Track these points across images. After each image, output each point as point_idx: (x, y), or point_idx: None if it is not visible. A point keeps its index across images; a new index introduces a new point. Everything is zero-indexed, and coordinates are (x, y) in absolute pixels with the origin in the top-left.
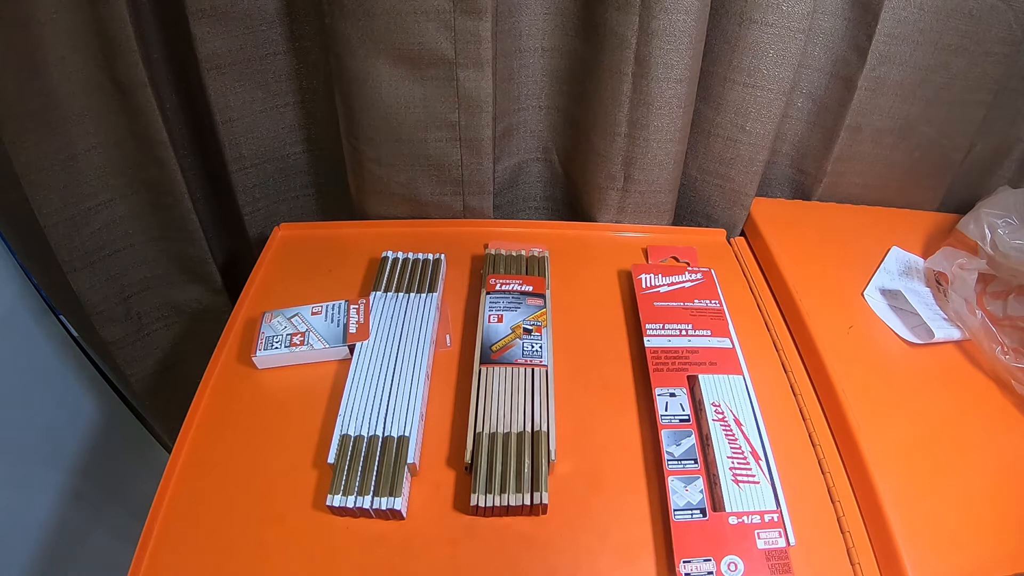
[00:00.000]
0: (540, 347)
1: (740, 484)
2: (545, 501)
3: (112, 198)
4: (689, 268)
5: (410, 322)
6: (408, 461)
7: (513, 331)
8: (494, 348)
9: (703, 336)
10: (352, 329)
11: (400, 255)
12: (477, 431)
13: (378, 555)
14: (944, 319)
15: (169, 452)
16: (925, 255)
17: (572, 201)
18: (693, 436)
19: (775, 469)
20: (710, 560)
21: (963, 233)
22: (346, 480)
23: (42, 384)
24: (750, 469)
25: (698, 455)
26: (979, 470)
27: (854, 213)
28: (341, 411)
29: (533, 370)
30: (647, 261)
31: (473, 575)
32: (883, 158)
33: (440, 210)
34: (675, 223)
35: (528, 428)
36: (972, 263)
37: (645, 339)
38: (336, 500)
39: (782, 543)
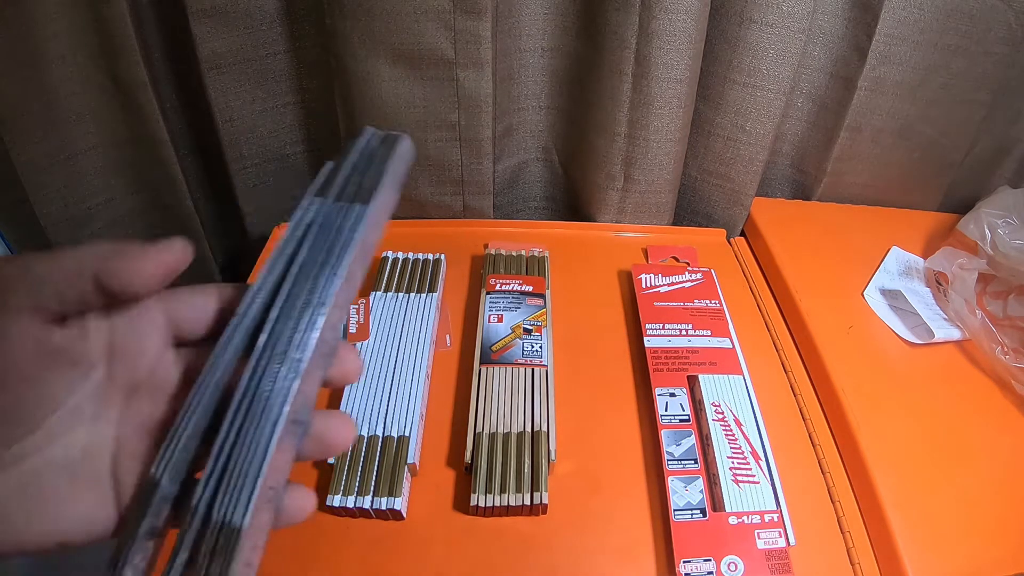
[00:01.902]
0: (540, 347)
1: (740, 484)
2: (545, 501)
3: (113, 198)
4: (689, 268)
5: (410, 322)
6: (408, 461)
7: (513, 331)
8: (494, 348)
9: (703, 336)
10: (352, 329)
11: (400, 255)
12: (477, 431)
13: (378, 555)
14: (944, 319)
15: None
16: (925, 255)
17: (572, 201)
18: (693, 436)
19: (775, 469)
20: (710, 560)
21: (963, 233)
22: (346, 480)
23: None
24: (750, 469)
25: (698, 455)
26: (979, 470)
27: (854, 213)
28: (341, 411)
29: (533, 370)
30: (647, 261)
31: (473, 575)
32: (883, 158)
33: (440, 210)
34: (675, 223)
35: (528, 428)
36: (972, 263)
37: (645, 339)
38: (336, 500)
39: (782, 543)
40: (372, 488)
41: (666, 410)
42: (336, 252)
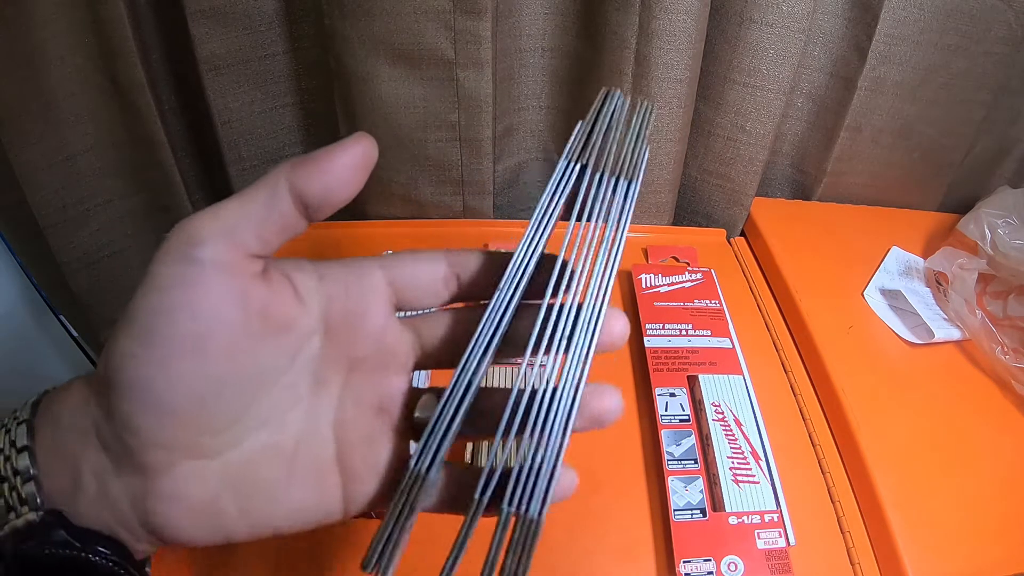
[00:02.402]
0: None
1: (740, 484)
2: None
3: (111, 199)
4: (689, 268)
5: None
6: None
7: None
8: None
9: (703, 336)
10: None
11: None
12: None
13: None
14: (944, 319)
15: None
16: (925, 255)
17: (572, 201)
18: (693, 436)
19: (775, 469)
20: (710, 560)
21: (963, 233)
22: None
23: (42, 385)
24: (750, 469)
25: (698, 455)
26: (979, 470)
27: (854, 213)
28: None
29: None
30: (647, 261)
31: (473, 575)
32: (883, 158)
33: (440, 210)
34: (675, 223)
35: None
36: (972, 263)
37: (645, 339)
38: None
39: (782, 543)
40: None
41: (666, 410)
42: (614, 232)
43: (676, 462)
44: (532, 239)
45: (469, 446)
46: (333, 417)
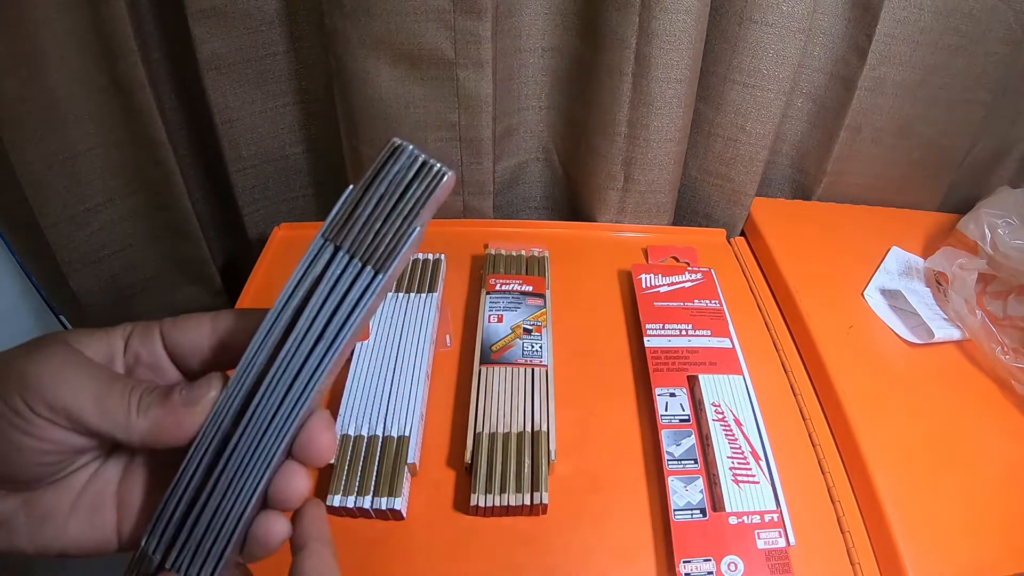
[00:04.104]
0: (540, 347)
1: (740, 484)
2: (545, 501)
3: (112, 198)
4: (689, 268)
5: (410, 322)
6: (408, 461)
7: (513, 331)
8: (494, 348)
9: (703, 336)
10: None
11: None
12: (477, 431)
13: (378, 555)
14: (944, 319)
15: None
16: (925, 255)
17: (572, 201)
18: (693, 436)
19: (775, 469)
20: (710, 560)
21: (963, 233)
22: (346, 480)
23: None
24: (750, 469)
25: (698, 455)
26: (979, 470)
27: (854, 213)
28: (341, 411)
29: (533, 370)
30: (647, 261)
31: (473, 575)
32: (883, 158)
33: (440, 210)
34: (675, 223)
35: (528, 428)
36: (972, 263)
37: (645, 339)
38: (336, 500)
39: (782, 543)
40: (372, 488)
41: (666, 410)
42: (338, 328)
43: (676, 462)
44: (271, 326)
45: (469, 447)
46: (123, 465)
